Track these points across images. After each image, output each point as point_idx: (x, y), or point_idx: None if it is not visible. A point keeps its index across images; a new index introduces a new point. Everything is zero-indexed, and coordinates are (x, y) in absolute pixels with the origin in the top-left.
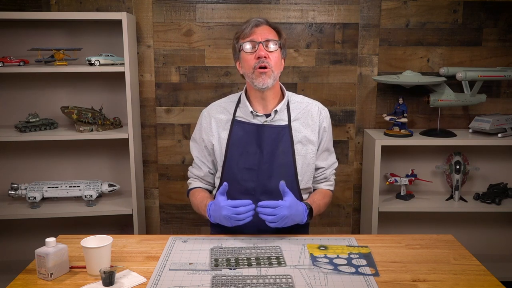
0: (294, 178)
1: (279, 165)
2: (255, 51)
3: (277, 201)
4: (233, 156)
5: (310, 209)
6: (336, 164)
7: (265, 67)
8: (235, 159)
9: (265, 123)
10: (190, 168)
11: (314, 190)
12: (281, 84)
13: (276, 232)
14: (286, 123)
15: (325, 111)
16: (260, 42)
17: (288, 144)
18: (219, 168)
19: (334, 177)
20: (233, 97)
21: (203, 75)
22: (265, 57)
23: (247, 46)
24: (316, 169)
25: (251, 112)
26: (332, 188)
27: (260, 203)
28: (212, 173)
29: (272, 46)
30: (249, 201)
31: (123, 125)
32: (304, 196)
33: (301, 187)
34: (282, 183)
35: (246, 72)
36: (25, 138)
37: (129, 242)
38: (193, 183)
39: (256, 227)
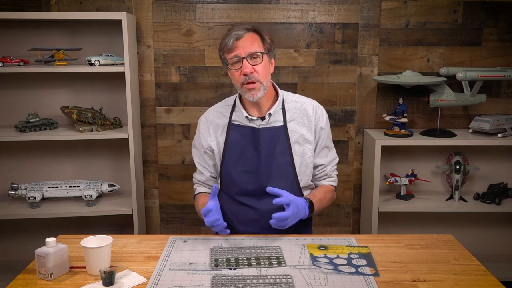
0: (294, 178)
1: (277, 166)
2: (240, 67)
3: (283, 213)
4: (231, 160)
5: (310, 203)
6: (337, 160)
7: (253, 82)
8: (233, 163)
9: (260, 126)
10: (194, 174)
11: (316, 187)
12: (274, 84)
13: (277, 232)
14: (282, 123)
15: (320, 109)
16: (244, 58)
17: (285, 145)
18: (218, 172)
19: (336, 173)
20: (229, 101)
21: (203, 75)
22: (251, 72)
23: (232, 63)
24: (316, 166)
25: (246, 117)
26: (334, 183)
27: (274, 215)
28: (214, 177)
29: (256, 59)
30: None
31: (123, 125)
32: (306, 193)
33: (301, 185)
34: (269, 189)
35: (236, 86)
36: (25, 138)
37: (129, 242)
38: (197, 188)
39: (256, 227)
